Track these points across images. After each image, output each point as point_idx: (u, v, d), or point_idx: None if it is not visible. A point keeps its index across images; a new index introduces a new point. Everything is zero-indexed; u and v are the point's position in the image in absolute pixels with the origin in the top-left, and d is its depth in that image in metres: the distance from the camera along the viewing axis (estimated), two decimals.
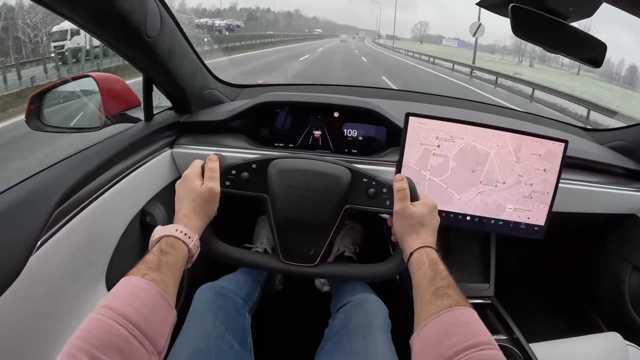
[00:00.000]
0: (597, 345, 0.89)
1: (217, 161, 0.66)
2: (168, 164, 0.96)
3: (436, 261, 0.56)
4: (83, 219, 0.67)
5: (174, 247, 0.54)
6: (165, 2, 0.75)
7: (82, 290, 0.69)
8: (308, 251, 0.68)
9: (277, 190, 0.66)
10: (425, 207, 0.62)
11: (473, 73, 14.91)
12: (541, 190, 0.84)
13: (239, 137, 1.01)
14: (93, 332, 0.40)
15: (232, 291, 0.85)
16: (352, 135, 1.00)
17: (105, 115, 0.93)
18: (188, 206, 0.61)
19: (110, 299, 0.44)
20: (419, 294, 0.53)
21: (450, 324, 0.46)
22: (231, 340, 0.72)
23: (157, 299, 0.47)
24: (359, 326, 0.75)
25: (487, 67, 13.85)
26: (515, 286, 1.18)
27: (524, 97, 10.52)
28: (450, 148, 0.84)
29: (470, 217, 0.86)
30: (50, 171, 0.67)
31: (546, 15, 0.67)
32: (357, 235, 1.28)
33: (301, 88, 1.39)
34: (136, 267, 0.50)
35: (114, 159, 0.78)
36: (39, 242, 0.57)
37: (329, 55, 20.87)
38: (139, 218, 0.86)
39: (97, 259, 0.74)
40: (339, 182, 0.66)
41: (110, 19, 0.63)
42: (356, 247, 1.22)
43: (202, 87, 1.04)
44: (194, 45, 0.94)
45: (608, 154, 1.12)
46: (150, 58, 0.78)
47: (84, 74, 0.96)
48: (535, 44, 0.71)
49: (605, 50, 0.72)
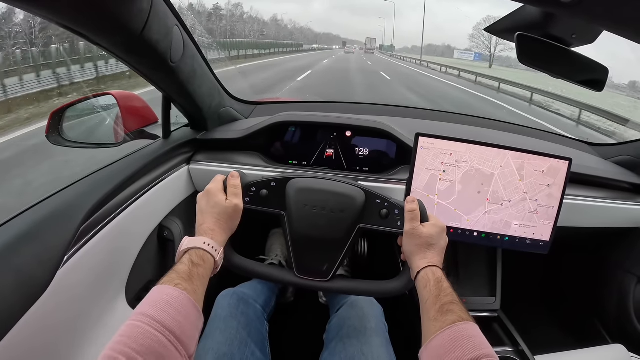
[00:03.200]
0: (602, 357, 0.91)
1: (239, 178, 0.69)
2: (185, 180, 0.99)
3: (441, 279, 0.59)
4: (106, 234, 0.70)
5: (204, 259, 0.57)
6: (187, 28, 0.79)
7: (104, 301, 0.72)
8: (321, 267, 0.70)
9: (294, 208, 0.69)
10: (434, 228, 0.65)
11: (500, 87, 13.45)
12: (546, 204, 0.87)
13: (254, 154, 1.04)
14: (133, 337, 0.42)
15: (252, 298, 0.87)
16: (364, 154, 1.03)
17: (124, 132, 0.96)
18: (212, 220, 0.64)
19: (146, 306, 0.47)
20: (425, 311, 0.57)
21: (454, 338, 0.49)
22: (253, 347, 0.75)
23: (189, 307, 0.49)
24: (352, 331, 0.78)
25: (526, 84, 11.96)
26: (522, 300, 1.20)
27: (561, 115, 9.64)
28: (455, 172, 0.87)
29: (477, 233, 0.89)
30: (75, 188, 0.70)
31: (550, 42, 0.70)
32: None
33: (314, 106, 1.42)
34: (168, 277, 0.52)
35: (136, 175, 0.81)
36: (66, 257, 0.60)
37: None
38: (157, 233, 0.89)
39: (118, 272, 0.77)
40: (353, 203, 0.69)
41: (138, 48, 0.67)
42: (345, 260, 1.25)
43: (219, 105, 1.07)
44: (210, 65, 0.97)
45: (613, 168, 1.14)
46: (172, 81, 0.82)
47: (104, 92, 1.00)
48: (539, 70, 0.73)
49: (607, 74, 0.74)
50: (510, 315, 1.01)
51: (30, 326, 0.54)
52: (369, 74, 16.69)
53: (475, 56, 48.03)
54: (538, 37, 0.70)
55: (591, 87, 0.75)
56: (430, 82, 15.31)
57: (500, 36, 0.79)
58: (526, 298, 1.33)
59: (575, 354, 0.90)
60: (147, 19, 0.62)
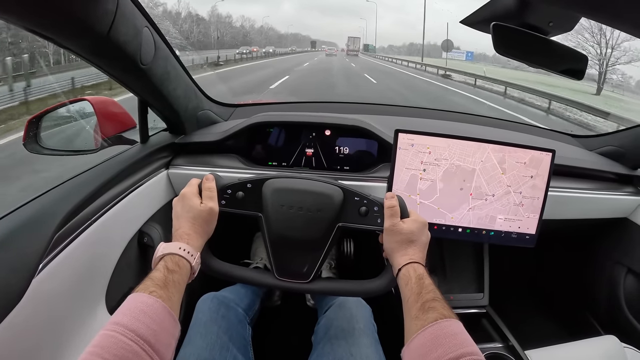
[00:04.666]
0: (595, 349, 0.90)
1: (214, 181, 0.67)
2: (164, 184, 0.97)
3: (422, 276, 0.57)
4: (83, 241, 0.68)
5: (179, 265, 0.56)
6: (159, 28, 0.77)
7: (83, 310, 0.71)
8: (302, 268, 0.69)
9: (271, 210, 0.68)
10: (414, 223, 0.64)
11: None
12: (531, 195, 0.86)
13: (233, 156, 1.03)
14: (106, 347, 0.41)
15: (233, 301, 0.86)
16: (344, 152, 1.02)
17: (101, 138, 0.95)
18: (187, 224, 0.62)
19: (120, 315, 0.46)
20: (407, 309, 0.55)
21: (436, 336, 0.48)
22: (235, 351, 0.74)
23: (164, 315, 0.48)
24: (340, 331, 0.77)
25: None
26: (511, 294, 1.20)
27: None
28: (435, 171, 0.86)
29: (462, 229, 0.88)
30: (50, 195, 0.68)
31: (527, 31, 0.69)
32: (335, 250, 1.30)
33: (293, 106, 1.41)
34: (143, 284, 0.51)
35: (112, 181, 0.79)
36: (40, 265, 0.59)
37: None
38: (137, 238, 0.87)
39: (97, 279, 0.75)
40: (331, 201, 0.67)
41: (106, 50, 0.65)
42: (332, 262, 1.24)
43: (196, 108, 1.06)
44: (186, 68, 0.96)
45: (598, 159, 1.14)
46: (145, 83, 0.80)
47: (80, 98, 0.98)
48: (517, 59, 0.72)
49: (587, 62, 0.74)
50: (499, 310, 1.01)
51: (5, 336, 0.52)
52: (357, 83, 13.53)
53: (467, 55, 41.08)
54: (514, 27, 0.69)
55: (571, 76, 0.74)
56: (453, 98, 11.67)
57: (476, 28, 0.77)
58: (515, 293, 1.32)
59: (568, 347, 0.89)
60: (112, 20, 0.61)
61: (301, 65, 21.32)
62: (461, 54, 41.54)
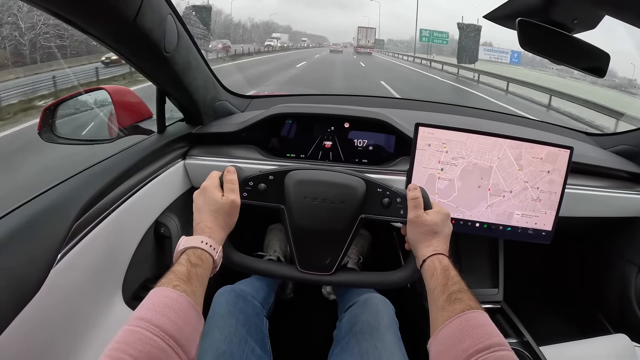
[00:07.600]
0: (606, 347, 0.90)
1: (235, 173, 0.67)
2: (181, 175, 0.97)
3: (448, 267, 0.57)
4: (100, 231, 0.68)
5: (202, 259, 0.55)
6: (182, 18, 0.77)
7: (100, 300, 0.71)
8: (324, 260, 0.69)
9: (294, 201, 0.67)
10: (438, 215, 0.64)
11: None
12: (548, 190, 0.86)
13: (251, 147, 1.03)
14: (131, 343, 0.41)
15: (250, 294, 0.86)
16: (362, 145, 1.02)
17: (118, 127, 0.94)
18: (209, 217, 0.62)
19: (144, 310, 0.45)
20: (433, 300, 0.55)
21: (463, 327, 0.48)
22: (252, 344, 0.73)
23: (188, 309, 0.48)
24: (366, 326, 0.76)
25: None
26: (524, 290, 1.20)
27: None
28: (453, 170, 0.87)
29: (479, 224, 0.88)
30: (68, 183, 0.68)
31: (552, 28, 0.69)
32: (365, 243, 1.29)
33: (310, 98, 1.40)
34: (166, 278, 0.50)
35: (130, 171, 0.79)
36: (59, 255, 0.59)
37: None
38: (154, 229, 0.87)
39: (114, 270, 0.75)
40: (354, 193, 0.67)
41: (131, 37, 0.65)
42: (360, 257, 1.23)
43: (214, 99, 1.06)
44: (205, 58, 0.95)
45: (612, 158, 1.14)
46: (167, 72, 0.80)
47: (97, 87, 0.98)
48: (541, 56, 0.72)
49: (609, 60, 0.74)
50: (514, 306, 1.01)
51: (25, 326, 0.52)
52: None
53: (512, 57, 24.82)
54: (539, 23, 0.69)
55: (593, 74, 0.74)
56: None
57: (500, 23, 0.77)
58: (528, 289, 1.33)
59: (579, 344, 0.90)
60: (140, 6, 0.60)
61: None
62: (504, 54, 25.48)
